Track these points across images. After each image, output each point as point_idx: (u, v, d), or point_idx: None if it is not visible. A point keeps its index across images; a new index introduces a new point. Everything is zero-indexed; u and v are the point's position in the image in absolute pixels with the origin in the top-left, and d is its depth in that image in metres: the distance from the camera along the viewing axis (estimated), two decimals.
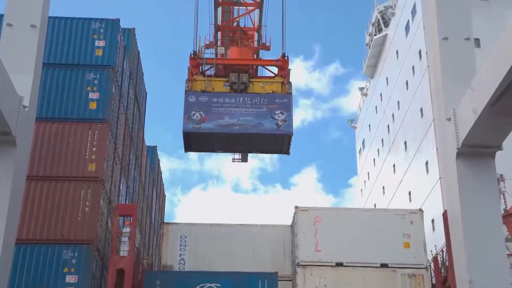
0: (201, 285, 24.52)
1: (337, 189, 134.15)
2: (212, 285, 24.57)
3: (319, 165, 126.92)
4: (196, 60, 30.37)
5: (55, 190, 23.29)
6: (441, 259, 25.44)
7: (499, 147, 13.69)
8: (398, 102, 47.92)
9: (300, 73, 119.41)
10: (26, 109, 13.74)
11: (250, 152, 31.34)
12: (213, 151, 30.68)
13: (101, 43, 26.04)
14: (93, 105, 24.87)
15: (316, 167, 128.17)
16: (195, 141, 29.25)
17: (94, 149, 24.10)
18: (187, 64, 30.96)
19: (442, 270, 25.12)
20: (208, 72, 30.27)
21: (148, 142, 37.78)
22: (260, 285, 24.55)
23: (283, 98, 29.20)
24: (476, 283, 12.83)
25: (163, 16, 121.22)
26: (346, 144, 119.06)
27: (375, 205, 52.98)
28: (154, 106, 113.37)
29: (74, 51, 25.86)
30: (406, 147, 45.23)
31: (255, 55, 33.81)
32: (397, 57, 49.40)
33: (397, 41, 49.68)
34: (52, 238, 22.49)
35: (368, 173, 57.83)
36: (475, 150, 13.59)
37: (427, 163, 39.53)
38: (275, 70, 31.28)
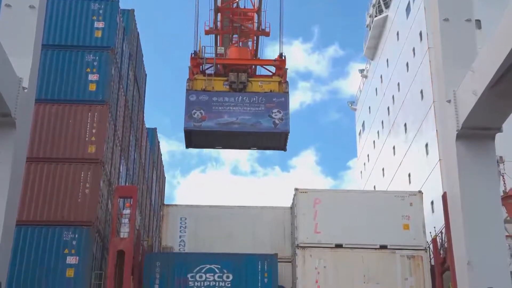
0: (201, 266, 24.66)
1: (336, 172, 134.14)
2: (212, 266, 24.70)
3: (318, 147, 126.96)
4: (196, 60, 31.15)
5: (55, 172, 23.34)
6: (440, 240, 25.55)
7: (499, 129, 13.69)
8: (398, 84, 47.82)
9: (299, 56, 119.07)
10: (26, 90, 13.71)
11: (249, 148, 32.15)
12: (213, 147, 31.64)
13: (100, 25, 25.94)
14: (92, 87, 24.83)
15: (315, 149, 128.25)
16: (196, 138, 30.17)
17: (94, 131, 24.11)
18: (187, 63, 31.69)
19: (441, 252, 25.24)
20: (208, 71, 31.02)
21: (148, 124, 37.78)
22: (259, 267, 24.68)
23: (280, 97, 30.19)
24: (475, 265, 12.90)
25: None
26: (345, 127, 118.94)
27: (374, 187, 53.09)
28: (153, 89, 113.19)
29: (73, 32, 25.77)
30: (406, 129, 45.22)
31: (255, 53, 34.62)
32: (398, 38, 49.20)
33: (398, 22, 49.46)
34: (52, 219, 22.61)
35: (368, 155, 57.87)
36: (475, 132, 13.59)
37: (427, 145, 39.55)
38: (272, 68, 32.20)
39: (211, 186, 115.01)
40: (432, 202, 35.92)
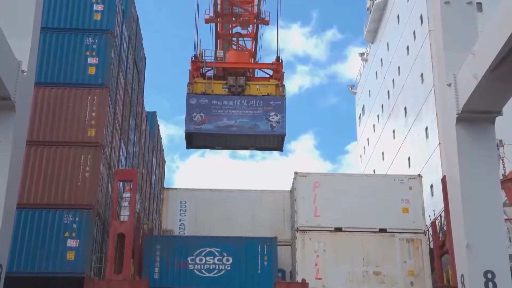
0: (201, 249, 24.75)
1: (334, 156, 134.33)
2: (212, 249, 24.79)
3: (316, 132, 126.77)
4: (197, 63, 32.10)
5: (55, 156, 23.35)
6: (439, 224, 25.66)
7: (499, 113, 13.68)
8: (399, 68, 47.69)
9: (298, 39, 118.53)
10: (25, 73, 13.67)
11: (247, 149, 33.10)
12: (213, 148, 32.59)
13: (100, 7, 25.80)
14: (92, 70, 24.76)
15: (313, 134, 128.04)
16: (196, 140, 31.26)
17: (93, 114, 24.08)
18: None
19: (440, 235, 25.36)
20: (208, 73, 32.10)
21: (147, 108, 37.75)
22: (259, 250, 24.77)
23: (277, 101, 31.28)
24: (474, 248, 12.95)
25: None
26: (344, 111, 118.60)
27: (374, 170, 53.16)
28: (152, 72, 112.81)
29: (73, 15, 25.64)
30: (406, 112, 45.18)
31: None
32: (398, 22, 48.99)
33: (399, 5, 49.23)
34: (53, 203, 22.67)
35: (368, 139, 57.88)
36: (475, 116, 13.58)
37: (426, 128, 39.54)
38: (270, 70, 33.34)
39: (210, 171, 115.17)
40: (431, 186, 36.00)
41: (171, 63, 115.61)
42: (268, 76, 32.95)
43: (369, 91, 58.04)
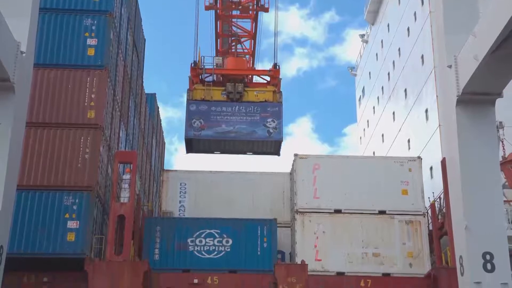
0: (200, 231, 24.87)
1: (332, 138, 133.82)
2: (211, 231, 24.91)
3: (314, 114, 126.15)
4: (196, 70, 32.86)
5: (54, 137, 23.36)
6: (439, 206, 25.73)
7: (500, 94, 13.67)
8: (399, 49, 47.52)
9: (295, 22, 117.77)
10: (24, 55, 13.64)
11: (245, 153, 33.64)
12: (212, 152, 33.26)
13: None
14: (91, 52, 24.67)
15: (311, 116, 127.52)
16: (196, 145, 32.02)
17: (93, 96, 24.04)
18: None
19: (439, 217, 25.44)
20: (208, 79, 32.95)
21: (146, 90, 37.60)
22: (259, 232, 24.89)
23: (274, 107, 32.10)
24: (472, 229, 13.01)
25: None
26: (342, 93, 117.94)
27: (374, 152, 53.18)
28: (150, 54, 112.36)
29: None
30: (406, 94, 45.09)
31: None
32: (399, 3, 48.72)
33: None
34: (53, 184, 22.71)
35: (368, 121, 57.82)
36: (476, 98, 13.57)
37: (426, 110, 39.48)
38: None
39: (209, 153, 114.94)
40: (431, 168, 36.04)
41: (169, 45, 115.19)
42: (266, 82, 33.72)
43: (369, 73, 57.88)
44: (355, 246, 25.14)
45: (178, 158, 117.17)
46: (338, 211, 25.75)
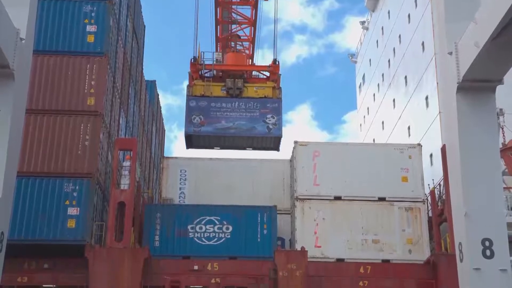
0: (201, 217, 24.96)
1: (332, 126, 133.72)
2: (211, 218, 24.98)
3: (313, 102, 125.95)
4: (196, 65, 32.96)
5: (54, 124, 23.36)
6: (438, 192, 25.78)
7: (500, 81, 13.62)
8: (400, 36, 47.38)
9: (295, 9, 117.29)
10: (23, 41, 13.59)
11: (244, 149, 33.89)
12: (212, 148, 33.46)
13: None
14: (90, 38, 24.60)
15: (311, 104, 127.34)
16: (196, 141, 32.23)
17: (93, 83, 24.00)
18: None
19: (439, 204, 25.50)
20: (207, 74, 33.12)
21: (146, 78, 37.50)
22: (259, 218, 24.97)
23: (274, 103, 32.30)
24: (472, 216, 13.03)
25: None
26: (341, 80, 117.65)
27: (374, 139, 53.16)
28: (149, 41, 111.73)
29: None
30: (406, 81, 45.01)
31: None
32: None
33: None
34: (53, 171, 22.76)
35: (368, 108, 57.75)
36: (476, 85, 13.53)
37: (427, 97, 39.43)
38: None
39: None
40: (431, 155, 36.06)
41: (169, 32, 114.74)
42: (265, 77, 33.81)
43: (370, 60, 57.74)
44: (355, 232, 25.22)
45: (177, 145, 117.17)
46: (338, 198, 25.81)
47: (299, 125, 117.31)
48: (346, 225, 25.31)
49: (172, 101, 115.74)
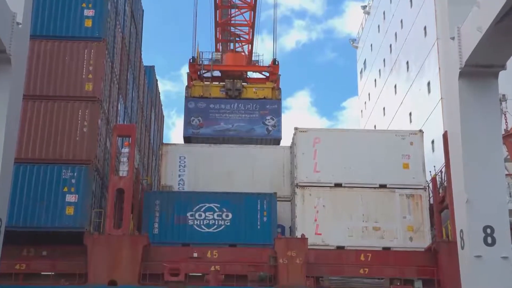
0: (200, 205, 25.00)
1: (331, 112, 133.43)
2: (211, 205, 25.03)
3: (312, 88, 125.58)
4: (195, 66, 33.33)
5: (52, 110, 23.33)
6: (440, 179, 25.80)
7: (503, 67, 13.57)
8: (401, 21, 47.18)
9: None
10: (20, 26, 13.53)
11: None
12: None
13: None
14: (88, 23, 24.49)
15: (310, 90, 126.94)
16: (195, 143, 32.35)
17: (90, 68, 23.93)
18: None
19: (440, 190, 25.53)
20: (206, 74, 33.65)
21: (144, 63, 37.36)
22: (259, 206, 25.01)
23: (273, 104, 32.56)
24: (474, 203, 13.03)
25: None
26: (341, 66, 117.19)
27: (375, 126, 53.12)
28: (146, 27, 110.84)
29: None
30: (408, 67, 44.88)
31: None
32: None
33: None
34: (51, 158, 22.77)
35: (369, 94, 57.64)
36: (478, 70, 13.47)
37: (429, 83, 39.32)
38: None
39: None
40: (432, 141, 36.05)
41: (166, 17, 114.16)
42: (265, 77, 34.10)
43: (371, 45, 57.57)
44: (355, 220, 25.30)
45: (176, 132, 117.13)
46: (338, 185, 25.87)
47: (298, 111, 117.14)
48: (347, 212, 25.38)
49: (170, 87, 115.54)
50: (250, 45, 39.64)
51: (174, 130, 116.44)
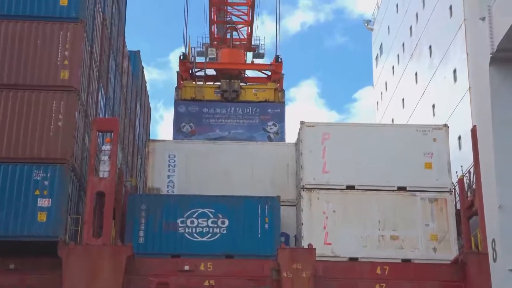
0: (192, 210, 25.01)
1: (341, 104, 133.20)
2: (205, 210, 25.02)
3: (320, 77, 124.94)
4: (185, 63, 32.97)
5: (22, 101, 23.32)
6: (468, 181, 25.75)
7: None
8: None
9: None
10: None
11: None
12: None
13: None
14: (64, 1, 24.51)
15: (317, 79, 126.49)
16: None
17: (66, 53, 23.91)
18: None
19: (468, 194, 25.49)
20: (199, 73, 33.53)
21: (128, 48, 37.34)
22: (259, 211, 25.00)
23: (276, 108, 32.26)
24: (507, 209, 12.99)
25: None
26: (353, 52, 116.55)
27: (393, 120, 53.17)
28: (129, 10, 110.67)
29: None
30: (431, 52, 44.87)
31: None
32: None
33: None
34: (21, 156, 22.76)
35: (386, 83, 57.68)
36: None
37: (455, 71, 39.30)
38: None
39: None
40: (459, 137, 36.01)
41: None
42: (266, 76, 34.15)
43: (388, 27, 57.59)
44: (370, 227, 25.25)
45: (164, 127, 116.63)
46: (350, 188, 25.82)
47: (303, 103, 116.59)
48: (360, 219, 25.33)
49: (156, 76, 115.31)
50: (249, 28, 39.62)
51: (162, 125, 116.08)
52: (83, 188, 24.70)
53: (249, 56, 38.47)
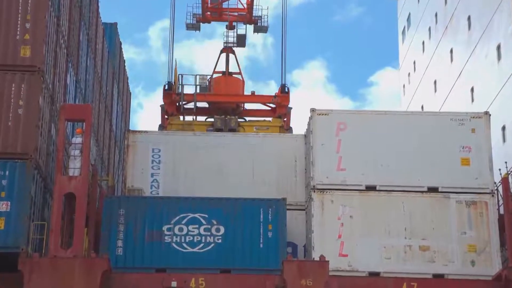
0: (181, 215, 25.10)
1: (355, 90, 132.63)
2: (196, 215, 25.14)
3: (329, 57, 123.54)
4: (171, 95, 32.94)
5: None
6: None
7: None
8: None
9: None
10: None
11: None
12: None
13: None
14: None
15: (326, 60, 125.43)
16: None
17: (27, 26, 23.97)
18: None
19: None
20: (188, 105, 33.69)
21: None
22: (262, 216, 25.11)
23: None
24: None
25: None
26: (369, 26, 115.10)
27: (422, 107, 53.25)
28: None
29: None
30: (469, 25, 44.89)
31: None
32: None
33: None
34: None
35: (414, 63, 57.71)
36: None
37: (498, 47, 39.30)
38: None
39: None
40: (503, 128, 36.09)
41: None
42: (269, 108, 34.15)
43: None
44: (395, 236, 25.35)
45: (145, 115, 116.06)
46: (371, 188, 25.93)
47: (309, 89, 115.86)
48: (383, 226, 25.43)
49: (134, 55, 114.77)
50: (249, 14, 39.75)
51: (142, 113, 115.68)
52: (50, 189, 24.81)
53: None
